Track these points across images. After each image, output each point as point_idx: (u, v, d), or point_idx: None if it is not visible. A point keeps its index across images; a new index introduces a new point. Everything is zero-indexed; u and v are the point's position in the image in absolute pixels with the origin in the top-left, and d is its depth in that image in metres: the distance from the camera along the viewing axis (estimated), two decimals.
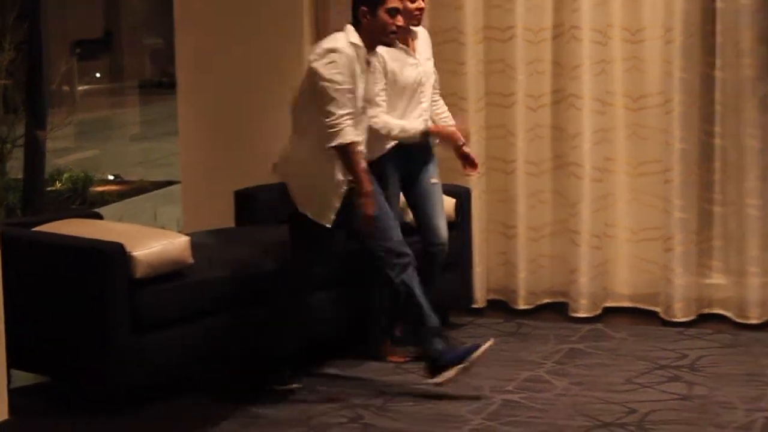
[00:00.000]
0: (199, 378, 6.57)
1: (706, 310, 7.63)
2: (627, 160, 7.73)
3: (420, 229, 6.89)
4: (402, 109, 6.69)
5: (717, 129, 7.54)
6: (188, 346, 6.35)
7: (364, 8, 6.17)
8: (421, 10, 6.67)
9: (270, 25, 7.92)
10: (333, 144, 6.03)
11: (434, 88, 6.89)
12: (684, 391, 6.36)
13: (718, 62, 7.48)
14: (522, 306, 7.90)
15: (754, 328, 7.47)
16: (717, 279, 7.65)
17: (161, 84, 24.12)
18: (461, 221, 7.47)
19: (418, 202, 6.89)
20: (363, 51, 6.15)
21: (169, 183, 13.61)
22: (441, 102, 7.04)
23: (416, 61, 6.75)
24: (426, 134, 6.68)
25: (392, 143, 6.70)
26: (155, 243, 6.19)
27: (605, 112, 7.66)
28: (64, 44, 23.59)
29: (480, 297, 7.90)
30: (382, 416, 6.08)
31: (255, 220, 7.49)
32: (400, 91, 6.67)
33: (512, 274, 7.88)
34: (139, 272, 6.07)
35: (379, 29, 6.18)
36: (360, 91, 6.15)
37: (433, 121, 6.85)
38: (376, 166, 6.54)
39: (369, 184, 6.11)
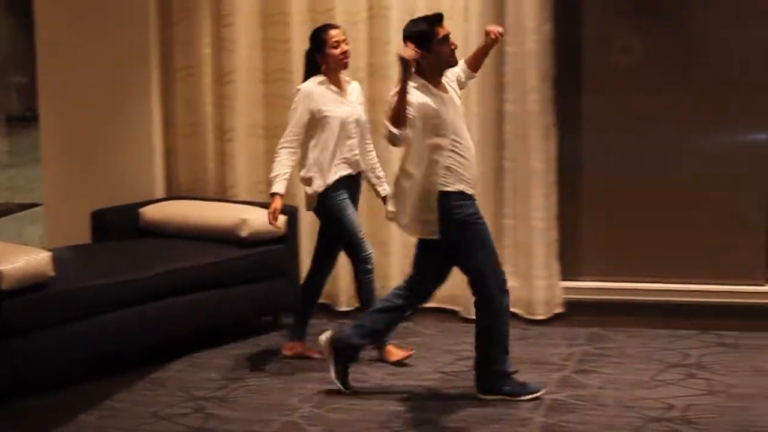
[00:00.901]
0: (61, 377, 6.49)
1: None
2: None
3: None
4: (333, 144, 6.57)
5: (507, 154, 7.66)
6: (52, 350, 6.28)
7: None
8: (345, 53, 6.60)
9: (121, 65, 7.86)
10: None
11: (365, 129, 6.73)
12: None
13: (508, 98, 7.61)
14: (344, 308, 7.93)
15: (541, 323, 7.60)
16: (509, 282, 7.74)
17: (25, 118, 23.62)
18: (291, 235, 7.49)
19: None
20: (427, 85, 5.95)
21: (33, 205, 13.35)
22: (370, 142, 6.85)
23: (345, 101, 6.63)
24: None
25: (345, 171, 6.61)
26: (20, 258, 6.12)
27: None
28: None
29: None
30: (222, 407, 6.07)
31: (109, 237, 7.44)
32: (331, 128, 6.55)
33: (335, 280, 7.86)
34: (5, 285, 5.99)
35: (442, 59, 5.98)
36: (446, 115, 5.96)
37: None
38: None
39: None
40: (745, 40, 7.75)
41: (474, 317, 6.21)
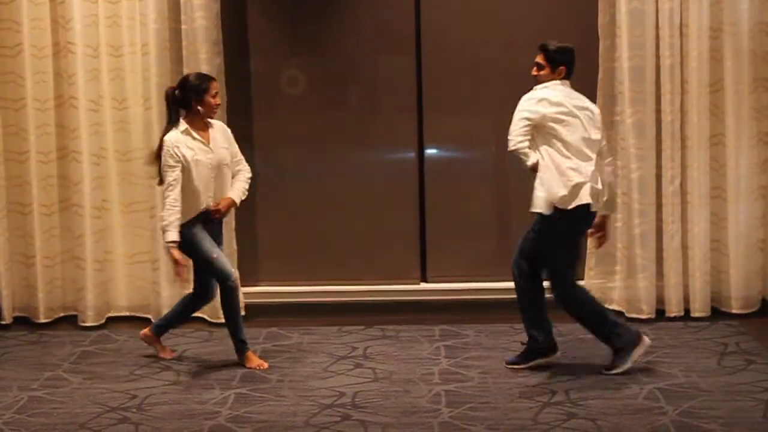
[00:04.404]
0: None
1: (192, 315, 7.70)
2: (120, 200, 7.67)
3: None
4: (202, 188, 6.38)
5: None
6: None
7: None
8: (218, 105, 6.46)
9: None
10: None
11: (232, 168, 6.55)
12: (174, 378, 6.42)
13: None
14: (42, 320, 7.69)
15: (224, 326, 7.54)
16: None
17: None
18: None
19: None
20: None
21: None
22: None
23: (209, 149, 6.42)
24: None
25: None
26: None
27: (100, 164, 7.58)
28: None
29: (7, 315, 7.64)
30: None
31: None
32: (198, 174, 6.35)
33: (33, 294, 7.66)
34: None
35: None
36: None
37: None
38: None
39: None
40: (385, 71, 7.96)
41: None
